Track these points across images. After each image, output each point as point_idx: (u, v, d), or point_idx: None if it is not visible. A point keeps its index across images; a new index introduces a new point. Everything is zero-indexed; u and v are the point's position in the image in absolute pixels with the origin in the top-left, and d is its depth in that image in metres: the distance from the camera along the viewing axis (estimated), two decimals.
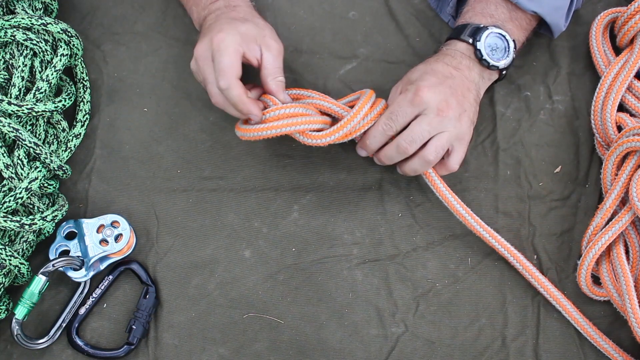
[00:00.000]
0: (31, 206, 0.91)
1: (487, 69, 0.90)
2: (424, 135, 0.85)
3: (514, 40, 0.90)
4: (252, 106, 0.85)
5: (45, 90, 0.91)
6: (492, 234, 0.91)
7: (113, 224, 0.93)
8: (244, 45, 0.85)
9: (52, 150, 0.94)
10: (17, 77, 0.91)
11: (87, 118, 0.99)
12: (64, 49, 0.93)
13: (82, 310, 0.92)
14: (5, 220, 0.86)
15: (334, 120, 0.89)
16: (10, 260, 0.87)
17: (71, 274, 0.91)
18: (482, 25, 0.89)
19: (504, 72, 0.92)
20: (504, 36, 0.89)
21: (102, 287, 0.93)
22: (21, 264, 0.88)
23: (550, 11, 0.92)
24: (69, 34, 0.93)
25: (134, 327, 0.91)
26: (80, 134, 0.97)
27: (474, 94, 0.89)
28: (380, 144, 0.88)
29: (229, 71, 0.83)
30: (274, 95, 0.87)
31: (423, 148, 0.86)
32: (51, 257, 0.92)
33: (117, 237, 0.92)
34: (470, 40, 0.89)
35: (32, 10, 0.95)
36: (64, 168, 0.93)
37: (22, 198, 0.88)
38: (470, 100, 0.88)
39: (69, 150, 0.96)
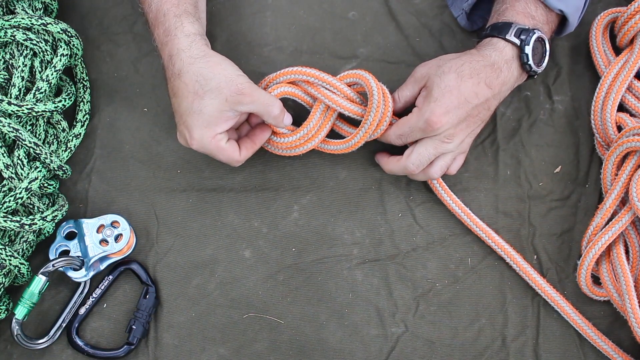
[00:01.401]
0: (31, 206, 0.91)
1: (526, 74, 0.89)
2: (430, 158, 0.88)
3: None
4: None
5: (45, 90, 0.91)
6: (490, 235, 0.92)
7: (113, 224, 0.93)
8: (223, 125, 0.84)
9: (52, 150, 0.94)
10: (17, 77, 0.91)
11: (87, 118, 0.99)
12: (64, 49, 0.93)
13: (82, 310, 0.92)
14: (5, 220, 0.86)
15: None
16: (10, 260, 0.87)
17: (71, 274, 0.91)
18: (527, 27, 0.86)
19: (532, 77, 0.91)
20: (544, 40, 0.87)
21: (102, 287, 0.93)
22: (21, 264, 0.88)
23: (573, 11, 0.90)
24: (69, 34, 0.93)
25: (134, 327, 0.91)
26: (80, 134, 0.97)
27: (492, 110, 0.89)
28: (390, 142, 0.91)
29: (234, 158, 0.87)
30: (277, 127, 0.89)
31: (428, 166, 0.89)
32: (51, 257, 0.92)
33: (117, 237, 0.92)
34: (518, 43, 0.86)
35: (32, 10, 0.95)
36: (64, 168, 0.93)
37: (22, 198, 0.88)
38: (485, 117, 0.88)
39: (69, 150, 0.96)
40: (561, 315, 0.91)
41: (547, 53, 0.88)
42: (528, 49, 0.86)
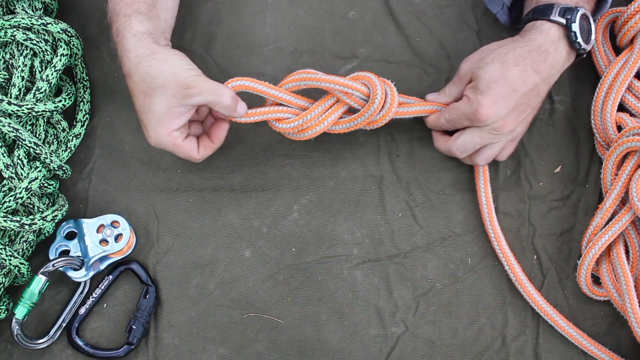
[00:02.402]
0: (31, 206, 0.91)
1: (575, 52, 0.87)
2: (475, 147, 0.89)
3: (595, 21, 0.88)
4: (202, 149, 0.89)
5: (45, 90, 0.91)
6: (499, 241, 0.92)
7: (113, 224, 0.93)
8: (176, 121, 0.84)
9: (52, 150, 0.94)
10: (17, 77, 0.91)
11: (87, 118, 0.99)
12: (64, 49, 0.93)
13: (82, 310, 0.92)
14: (5, 220, 0.86)
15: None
16: (10, 260, 0.87)
17: (71, 274, 0.91)
18: (570, 6, 0.84)
19: (579, 57, 0.89)
20: (588, 17, 0.86)
21: (102, 287, 0.93)
22: (21, 263, 0.88)
23: None
24: (69, 34, 0.93)
25: (134, 327, 0.91)
26: (80, 133, 0.97)
27: (542, 95, 0.88)
28: (438, 129, 0.93)
29: (191, 156, 0.87)
30: (232, 117, 0.87)
31: (474, 153, 0.90)
32: (51, 257, 0.92)
33: (117, 237, 0.92)
34: (564, 22, 0.84)
35: (32, 10, 0.95)
36: (64, 168, 0.93)
37: (22, 198, 0.88)
38: (536, 103, 0.88)
39: (69, 150, 0.96)
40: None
41: (594, 30, 0.87)
42: (575, 27, 0.84)
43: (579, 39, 0.85)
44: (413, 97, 0.94)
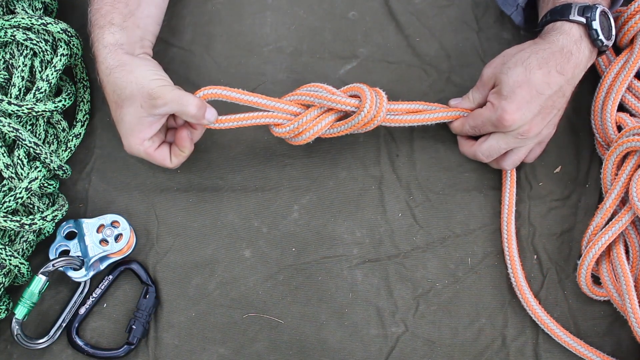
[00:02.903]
0: (31, 206, 0.91)
1: (597, 50, 0.87)
2: (501, 151, 0.89)
3: (615, 18, 0.88)
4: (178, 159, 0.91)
5: (45, 90, 0.91)
6: (510, 245, 0.93)
7: (113, 224, 0.93)
8: (147, 131, 0.85)
9: (52, 150, 0.94)
10: (17, 77, 0.91)
11: (87, 118, 0.99)
12: (64, 49, 0.93)
13: (82, 310, 0.92)
14: (5, 220, 0.86)
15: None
16: (10, 260, 0.87)
17: (71, 274, 0.91)
18: (588, 4, 0.84)
19: (603, 54, 0.89)
20: (607, 13, 0.86)
21: (102, 287, 0.93)
22: (21, 263, 0.88)
23: None
24: (69, 34, 0.93)
25: (134, 327, 0.91)
26: (80, 133, 0.97)
27: (567, 96, 0.88)
28: (464, 134, 0.93)
29: (165, 164, 0.89)
30: (203, 125, 0.88)
31: (500, 158, 0.91)
32: (51, 257, 0.92)
33: (117, 237, 0.92)
34: (584, 21, 0.84)
35: (32, 10, 0.95)
36: (64, 168, 0.93)
37: (22, 198, 0.88)
38: (561, 104, 0.88)
39: (69, 150, 0.96)
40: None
41: (613, 25, 0.87)
42: (596, 25, 0.84)
43: (601, 36, 0.85)
44: (436, 104, 0.93)
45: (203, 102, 0.86)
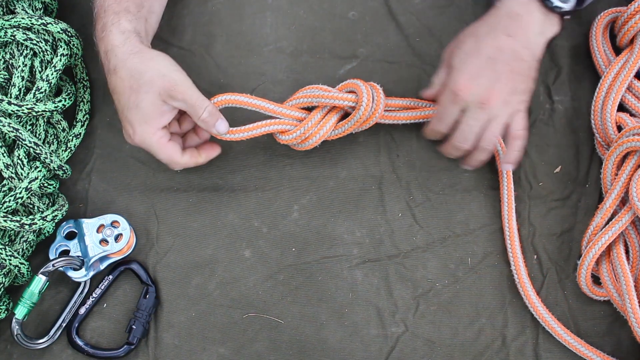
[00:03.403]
0: (31, 206, 0.91)
1: (550, 11, 0.84)
2: (474, 130, 0.86)
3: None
4: (200, 158, 0.91)
5: (45, 90, 0.91)
6: (512, 239, 0.92)
7: (113, 224, 0.93)
8: (161, 119, 0.85)
9: (52, 150, 0.94)
10: (17, 77, 0.91)
11: (87, 118, 0.99)
12: (64, 49, 0.93)
13: (82, 310, 0.92)
14: (5, 220, 0.86)
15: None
16: (10, 260, 0.87)
17: (71, 274, 0.91)
18: None
19: (564, 19, 0.87)
20: None
21: (102, 287, 0.93)
22: (21, 263, 0.88)
23: None
24: (69, 34, 0.93)
25: (134, 327, 0.91)
26: (80, 133, 0.97)
27: (528, 60, 0.85)
28: (439, 138, 0.91)
29: (174, 158, 0.87)
30: (212, 133, 0.88)
31: (480, 139, 0.88)
32: (51, 257, 0.92)
33: (117, 237, 0.92)
34: None
35: (32, 10, 0.95)
36: (64, 168, 0.93)
37: (22, 198, 0.88)
38: (524, 69, 0.85)
39: (69, 150, 0.96)
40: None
41: None
42: None
43: (557, 2, 0.83)
44: (420, 100, 0.93)
45: (217, 111, 0.86)
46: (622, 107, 0.95)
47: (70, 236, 0.93)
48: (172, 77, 0.83)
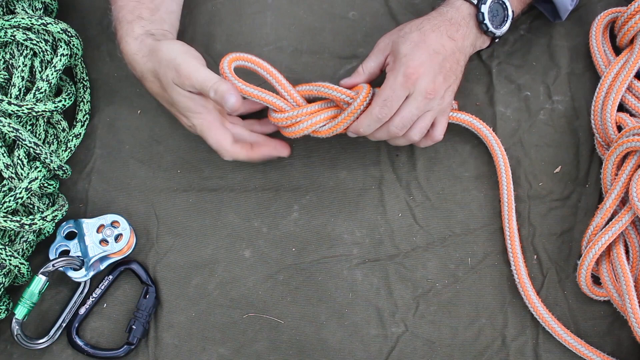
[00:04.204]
0: (31, 206, 0.91)
1: (484, 34, 0.89)
2: (413, 119, 0.86)
3: (512, 11, 0.90)
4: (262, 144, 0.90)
5: (45, 90, 0.91)
6: (512, 234, 0.92)
7: (113, 224, 0.93)
8: (199, 106, 0.85)
9: (52, 150, 0.94)
10: (17, 77, 0.91)
11: (87, 118, 0.99)
12: (64, 49, 0.93)
13: (82, 310, 0.92)
14: (5, 220, 0.86)
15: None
16: (10, 260, 0.87)
17: (71, 274, 0.91)
18: None
19: (495, 41, 0.92)
20: (504, 4, 0.89)
21: (102, 287, 0.93)
22: (21, 264, 0.88)
23: None
24: (69, 34, 0.93)
25: (134, 327, 0.91)
26: (80, 134, 0.97)
27: (461, 65, 0.89)
28: (374, 129, 0.87)
29: (223, 145, 0.86)
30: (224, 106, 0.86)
31: (409, 130, 0.88)
32: (51, 257, 0.92)
33: (117, 237, 0.92)
34: (475, 1, 0.87)
35: (32, 10, 0.95)
36: (64, 168, 0.93)
37: (22, 198, 0.88)
38: (457, 72, 0.88)
39: (69, 150, 0.96)
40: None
41: (509, 18, 0.90)
42: (484, 8, 0.87)
43: (487, 21, 0.87)
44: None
45: (226, 87, 0.82)
46: (622, 107, 0.95)
47: (70, 236, 0.93)
48: (174, 64, 0.82)
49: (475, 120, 0.95)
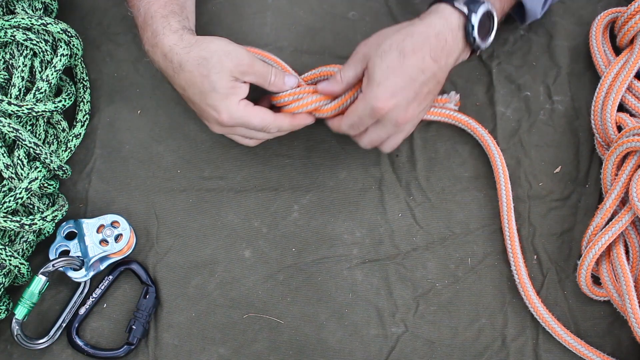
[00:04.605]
0: (31, 206, 0.91)
1: (469, 46, 0.85)
2: (382, 139, 0.87)
3: (497, 22, 0.86)
4: (283, 119, 0.88)
5: (45, 90, 0.92)
6: (512, 234, 0.92)
7: (113, 224, 0.93)
8: (239, 93, 0.85)
9: (52, 150, 0.94)
10: (17, 77, 0.91)
11: (87, 118, 0.99)
12: (64, 49, 0.93)
13: (82, 310, 0.92)
14: (5, 220, 0.86)
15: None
16: (10, 260, 0.87)
17: (71, 274, 0.91)
18: (479, 0, 0.83)
19: (474, 54, 0.88)
20: (492, 15, 0.85)
21: (102, 287, 0.93)
22: (21, 264, 0.88)
23: None
24: (69, 34, 0.93)
25: (134, 327, 0.91)
26: (80, 134, 0.97)
27: (442, 81, 0.86)
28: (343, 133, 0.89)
29: (267, 119, 0.86)
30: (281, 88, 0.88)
31: (360, 134, 0.88)
32: (51, 257, 0.92)
33: (117, 237, 0.92)
34: (465, 11, 0.82)
35: (32, 10, 0.95)
36: (64, 168, 0.93)
37: (22, 198, 0.88)
38: (435, 92, 0.86)
39: (69, 150, 0.96)
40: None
41: (494, 29, 0.85)
42: (474, 19, 0.82)
43: (475, 34, 0.83)
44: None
45: (280, 70, 0.87)
46: (622, 107, 0.95)
47: (70, 236, 0.93)
48: (236, 54, 0.84)
49: (472, 121, 0.95)
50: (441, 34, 0.82)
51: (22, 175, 0.89)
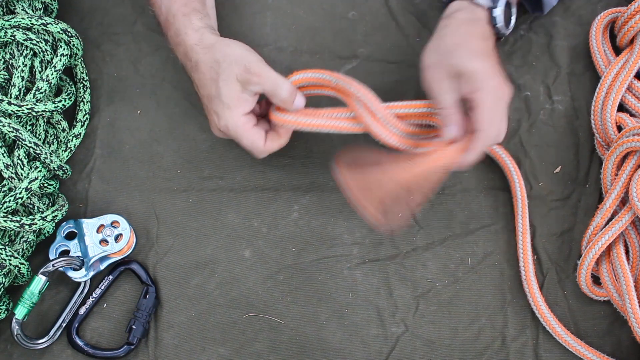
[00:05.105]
0: (31, 206, 0.91)
1: (495, 37, 0.89)
2: (505, 119, 0.85)
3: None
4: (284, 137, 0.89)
5: (45, 90, 0.92)
6: (524, 226, 0.92)
7: (113, 224, 0.93)
8: (244, 105, 0.85)
9: (52, 150, 0.94)
10: (17, 77, 0.91)
11: (87, 118, 0.99)
12: (64, 49, 0.93)
13: (82, 310, 0.92)
14: (5, 220, 0.86)
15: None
16: (10, 260, 0.87)
17: (71, 274, 0.91)
18: None
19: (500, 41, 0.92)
20: (510, 5, 0.89)
21: (102, 287, 0.93)
22: (21, 264, 0.88)
23: None
24: (69, 34, 0.93)
25: (134, 327, 0.91)
26: (80, 134, 0.97)
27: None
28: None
29: (258, 145, 0.86)
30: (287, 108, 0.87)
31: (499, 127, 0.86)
32: (51, 257, 0.92)
33: (117, 237, 0.92)
34: (488, 5, 0.87)
35: (32, 10, 0.95)
36: (64, 168, 0.93)
37: (22, 198, 0.88)
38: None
39: (69, 150, 0.96)
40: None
41: (513, 19, 0.90)
42: (496, 12, 0.87)
43: (499, 24, 0.88)
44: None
45: (295, 88, 0.86)
46: (622, 107, 0.95)
47: (70, 236, 0.93)
48: (246, 61, 0.84)
49: None
50: (485, 27, 0.87)
51: (22, 175, 0.89)
